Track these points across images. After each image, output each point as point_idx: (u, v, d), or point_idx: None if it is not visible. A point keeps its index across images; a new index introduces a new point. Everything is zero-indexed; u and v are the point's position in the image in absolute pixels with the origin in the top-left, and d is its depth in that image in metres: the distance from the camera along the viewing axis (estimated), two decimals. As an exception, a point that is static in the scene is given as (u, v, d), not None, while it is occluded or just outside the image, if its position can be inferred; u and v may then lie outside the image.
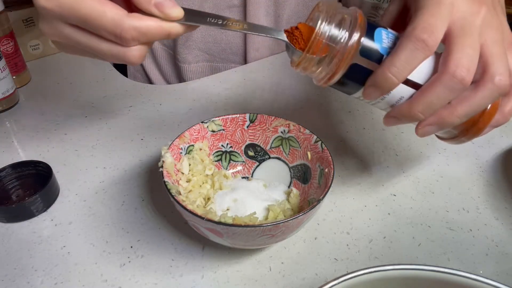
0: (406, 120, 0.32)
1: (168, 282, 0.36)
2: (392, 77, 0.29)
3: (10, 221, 0.41)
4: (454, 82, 0.29)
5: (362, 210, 0.43)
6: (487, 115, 0.33)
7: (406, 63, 0.29)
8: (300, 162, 0.43)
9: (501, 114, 0.34)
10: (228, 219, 0.38)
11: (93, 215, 0.42)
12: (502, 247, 0.39)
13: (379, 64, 0.31)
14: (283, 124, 0.43)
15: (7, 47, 0.58)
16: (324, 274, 0.36)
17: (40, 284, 0.35)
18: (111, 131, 0.53)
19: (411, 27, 0.29)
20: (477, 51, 0.30)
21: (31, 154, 0.50)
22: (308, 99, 0.61)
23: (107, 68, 0.68)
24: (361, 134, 0.53)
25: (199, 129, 0.42)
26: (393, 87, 0.30)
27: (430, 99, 0.30)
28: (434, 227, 0.41)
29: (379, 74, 0.30)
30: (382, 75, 0.30)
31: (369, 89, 0.31)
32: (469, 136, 0.35)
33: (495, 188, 0.46)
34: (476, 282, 0.25)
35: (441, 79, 0.29)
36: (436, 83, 0.30)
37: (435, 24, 0.29)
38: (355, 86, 0.33)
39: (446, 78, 0.29)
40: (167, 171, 0.37)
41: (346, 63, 0.30)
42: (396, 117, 0.33)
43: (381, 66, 0.30)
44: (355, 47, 0.30)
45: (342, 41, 0.30)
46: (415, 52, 0.29)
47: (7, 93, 0.56)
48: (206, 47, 0.69)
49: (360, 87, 0.32)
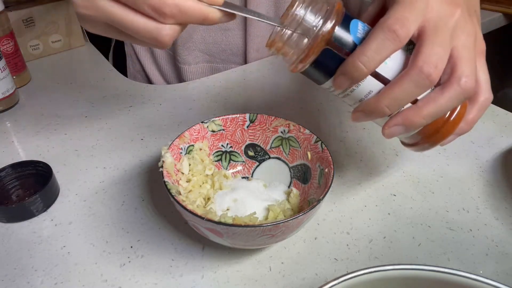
0: (373, 115, 0.32)
1: (168, 282, 0.36)
2: (361, 65, 0.29)
3: (10, 221, 0.41)
4: (421, 78, 0.29)
5: (362, 210, 0.43)
6: (452, 123, 0.33)
7: (376, 53, 0.29)
8: (300, 162, 0.43)
9: (465, 122, 0.34)
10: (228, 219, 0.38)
11: (93, 215, 0.42)
12: (502, 247, 0.39)
13: (350, 53, 0.31)
14: (283, 124, 0.43)
15: (7, 47, 0.58)
16: (324, 274, 0.36)
17: (40, 284, 0.35)
18: (111, 131, 0.53)
19: (384, 18, 0.29)
20: (447, 50, 0.30)
21: (31, 154, 0.50)
22: (308, 99, 0.61)
23: (107, 68, 0.68)
24: (361, 134, 0.53)
25: (199, 129, 0.42)
26: (362, 77, 0.30)
27: (397, 93, 0.30)
28: (434, 227, 0.41)
29: (349, 62, 0.30)
30: (352, 63, 0.30)
31: (339, 78, 0.31)
32: (432, 143, 0.34)
33: (495, 188, 0.46)
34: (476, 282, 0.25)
35: (408, 74, 0.30)
36: (404, 78, 0.30)
37: (407, 17, 0.29)
38: (326, 75, 0.32)
39: (413, 73, 0.29)
40: (167, 171, 0.37)
41: (319, 46, 0.30)
42: (363, 111, 0.33)
43: (351, 55, 0.30)
44: (329, 31, 0.30)
45: (317, 23, 0.30)
46: (385, 42, 0.29)
47: (7, 93, 0.56)
48: (206, 48, 0.69)
49: (329, 77, 0.32)
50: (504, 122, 0.56)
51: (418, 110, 0.31)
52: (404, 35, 0.29)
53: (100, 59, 0.71)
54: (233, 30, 0.67)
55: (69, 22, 0.70)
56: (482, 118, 0.56)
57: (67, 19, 0.70)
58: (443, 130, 0.33)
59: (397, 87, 0.30)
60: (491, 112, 0.58)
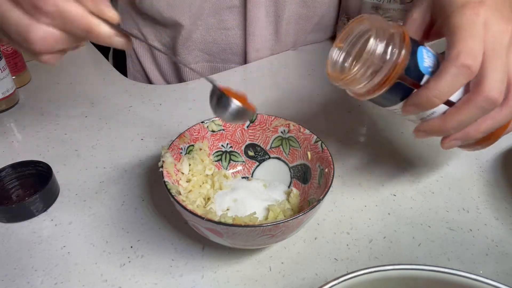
0: (437, 134, 0.34)
1: (168, 282, 0.36)
2: (434, 99, 0.31)
3: (10, 221, 0.41)
4: (488, 104, 0.31)
5: (362, 210, 0.43)
6: (503, 128, 0.35)
7: (449, 87, 0.31)
8: (300, 162, 0.43)
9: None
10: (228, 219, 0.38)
11: (93, 215, 0.42)
12: (502, 247, 0.39)
13: (418, 82, 0.32)
14: (283, 124, 0.43)
15: (7, 47, 0.58)
16: (324, 274, 0.36)
17: (40, 284, 0.35)
18: (111, 131, 0.53)
19: (455, 52, 0.30)
20: (506, 72, 0.31)
21: (31, 154, 0.50)
22: (308, 99, 0.61)
23: (107, 68, 0.68)
24: (361, 134, 0.53)
25: (199, 129, 0.42)
26: (433, 108, 0.32)
27: (463, 117, 0.32)
28: (434, 227, 0.41)
29: (423, 95, 0.31)
30: (426, 97, 0.31)
31: (410, 107, 0.33)
32: (484, 145, 0.37)
33: (495, 188, 0.46)
34: (476, 282, 0.25)
35: (476, 100, 0.31)
36: (471, 103, 0.31)
37: (477, 48, 0.30)
38: (393, 101, 0.34)
39: (480, 100, 0.31)
40: (167, 171, 0.37)
41: (391, 81, 0.31)
42: (427, 132, 0.35)
43: (425, 88, 0.31)
44: (402, 66, 0.31)
45: (391, 58, 0.30)
46: (459, 77, 0.30)
47: (7, 93, 0.56)
48: (206, 48, 0.69)
49: (397, 102, 0.34)
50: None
51: (478, 126, 0.33)
52: (477, 69, 0.30)
53: (100, 59, 0.71)
54: (233, 29, 0.67)
55: (69, 22, 0.70)
56: (482, 118, 0.56)
57: (67, 19, 0.69)
58: (494, 134, 0.35)
59: (464, 112, 0.32)
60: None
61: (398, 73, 0.31)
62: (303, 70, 0.68)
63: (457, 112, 0.32)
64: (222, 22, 0.66)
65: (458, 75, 0.30)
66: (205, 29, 0.67)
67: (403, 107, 0.34)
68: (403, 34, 0.31)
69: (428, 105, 0.32)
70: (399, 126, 0.55)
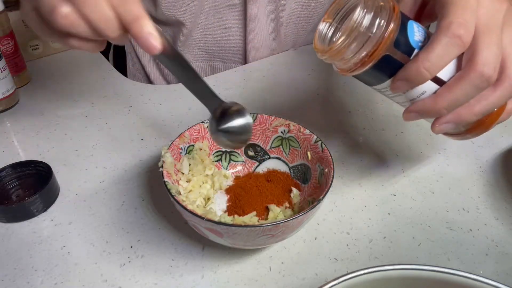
0: (429, 115, 0.33)
1: (168, 282, 0.36)
2: (425, 71, 0.30)
3: (10, 221, 0.41)
4: (482, 80, 0.29)
5: (362, 210, 0.43)
6: (495, 114, 0.34)
7: (440, 58, 0.29)
8: (300, 162, 0.43)
9: (506, 111, 0.34)
10: (228, 219, 0.38)
11: (93, 215, 0.42)
12: (502, 247, 0.39)
13: (409, 56, 0.31)
14: (283, 124, 0.43)
15: (7, 47, 0.58)
16: (324, 274, 0.36)
17: (40, 284, 0.35)
18: (111, 131, 0.53)
19: (447, 22, 0.29)
20: (500, 49, 0.30)
21: (31, 154, 0.50)
22: (308, 99, 0.61)
23: (107, 68, 0.68)
24: (361, 134, 0.53)
25: (199, 129, 0.42)
26: (424, 82, 0.30)
27: (456, 96, 0.30)
28: (434, 227, 0.41)
29: (413, 68, 0.30)
30: (416, 69, 0.30)
31: (399, 82, 0.31)
32: (475, 134, 0.35)
33: (495, 188, 0.46)
34: (476, 282, 0.25)
35: (469, 77, 0.30)
36: (464, 81, 0.30)
37: (469, 19, 0.29)
38: (380, 78, 0.32)
39: (474, 76, 0.29)
40: (167, 171, 0.37)
41: (380, 53, 0.30)
42: (418, 112, 0.33)
43: (415, 60, 0.30)
44: (391, 38, 0.30)
45: (378, 30, 0.29)
46: (450, 48, 0.29)
47: (7, 93, 0.56)
48: (206, 46, 0.69)
49: (385, 79, 0.32)
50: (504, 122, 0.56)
51: (471, 108, 0.31)
52: (468, 40, 0.29)
53: (100, 59, 0.71)
54: (233, 28, 0.67)
55: (69, 22, 0.70)
56: (482, 118, 0.56)
57: (67, 19, 0.69)
58: (486, 122, 0.34)
59: (457, 90, 0.30)
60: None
61: (386, 45, 0.30)
62: (303, 70, 0.68)
63: (448, 89, 0.31)
64: (222, 21, 0.66)
65: (449, 45, 0.29)
66: (205, 28, 0.67)
67: (391, 83, 0.32)
68: (392, 6, 0.30)
69: (418, 78, 0.30)
70: (399, 126, 0.55)
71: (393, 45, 0.30)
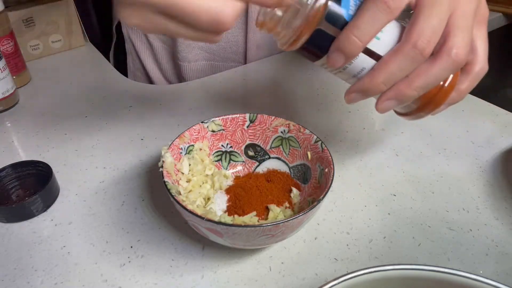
0: (369, 92, 0.32)
1: (168, 282, 0.36)
2: (355, 39, 0.29)
3: (10, 221, 0.41)
4: (415, 53, 0.29)
5: (362, 210, 0.43)
6: (444, 92, 0.33)
7: (369, 25, 0.29)
8: (300, 162, 0.43)
9: (457, 92, 0.34)
10: (228, 219, 0.38)
11: (93, 215, 0.42)
12: (502, 247, 0.39)
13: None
14: (283, 124, 0.43)
15: (7, 47, 0.58)
16: (324, 274, 0.36)
17: (40, 284, 0.35)
18: (111, 131, 0.53)
19: None
20: (443, 21, 0.29)
21: (31, 154, 0.50)
22: (308, 99, 0.61)
23: (107, 68, 0.68)
24: (361, 134, 0.53)
25: (199, 129, 0.42)
26: (356, 51, 0.30)
27: (392, 69, 0.30)
28: (434, 227, 0.41)
29: (343, 36, 0.30)
30: (346, 37, 0.29)
31: (333, 54, 0.31)
32: (426, 112, 0.35)
33: (495, 188, 0.46)
34: (476, 282, 0.25)
35: (402, 49, 0.29)
36: (398, 53, 0.30)
37: None
38: (318, 53, 0.32)
39: (407, 48, 0.29)
40: (167, 171, 0.37)
41: (311, 27, 0.30)
42: (358, 91, 0.32)
43: (345, 29, 0.29)
44: (321, 11, 0.29)
45: (309, 2, 0.29)
46: (377, 14, 0.28)
47: (7, 93, 0.56)
48: (206, 46, 0.69)
49: (323, 54, 0.32)
50: (504, 122, 0.56)
51: (410, 82, 0.31)
52: (395, 6, 0.29)
53: (100, 59, 0.71)
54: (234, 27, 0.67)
55: (69, 22, 0.70)
56: (482, 118, 0.56)
57: (67, 19, 0.70)
58: (435, 99, 0.33)
59: (391, 63, 0.30)
60: (491, 112, 0.58)
61: (316, 19, 0.29)
62: (303, 70, 0.68)
63: (384, 63, 0.30)
64: None
65: (376, 11, 0.28)
66: None
67: (327, 57, 0.31)
68: None
69: (350, 48, 0.29)
70: (399, 126, 0.55)
71: (324, 19, 0.30)
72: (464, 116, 0.57)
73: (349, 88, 0.33)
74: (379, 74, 0.31)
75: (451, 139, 0.53)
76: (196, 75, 0.72)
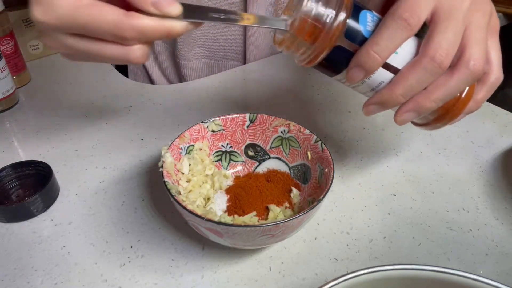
0: (387, 105, 0.33)
1: (168, 282, 0.36)
2: (375, 55, 0.30)
3: (10, 221, 0.41)
4: (433, 66, 0.30)
5: (362, 210, 0.43)
6: (461, 102, 0.33)
7: (388, 42, 0.29)
8: (300, 162, 0.43)
9: (474, 101, 0.34)
10: (228, 219, 0.38)
11: (93, 215, 0.42)
12: (502, 247, 0.39)
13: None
14: (283, 124, 0.43)
15: (7, 47, 0.58)
16: (324, 274, 0.36)
17: (40, 284, 0.35)
18: (111, 131, 0.53)
19: (395, 6, 0.30)
20: (459, 35, 0.30)
21: (31, 154, 0.50)
22: (308, 99, 0.61)
23: (107, 68, 0.68)
24: (361, 134, 0.53)
25: (199, 129, 0.42)
26: (376, 67, 0.30)
27: (411, 82, 0.31)
28: (434, 227, 0.41)
29: (363, 52, 0.30)
30: (366, 53, 0.30)
31: (353, 70, 0.31)
32: (444, 123, 0.35)
33: (495, 188, 0.46)
34: (476, 282, 0.25)
35: (421, 62, 0.30)
36: (416, 66, 0.30)
37: (418, 4, 0.29)
38: (337, 68, 0.32)
39: (425, 61, 0.30)
40: (167, 171, 0.37)
41: (330, 45, 0.30)
42: (377, 104, 0.33)
43: (365, 45, 0.30)
44: (340, 29, 0.30)
45: (327, 21, 0.29)
46: (397, 30, 0.29)
47: (7, 93, 0.56)
48: (206, 44, 0.70)
49: (342, 69, 0.32)
50: (504, 122, 0.56)
51: (428, 94, 0.31)
52: (415, 23, 0.29)
53: (100, 59, 0.71)
54: (233, 26, 0.67)
55: (69, 22, 0.70)
56: (482, 118, 0.56)
57: (67, 19, 0.70)
58: (453, 110, 0.34)
59: (410, 76, 0.31)
60: (491, 112, 0.58)
61: (336, 36, 0.30)
62: (303, 70, 0.68)
63: (402, 76, 0.31)
64: None
65: (395, 28, 0.29)
66: (205, 26, 0.67)
67: (346, 72, 0.32)
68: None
69: (370, 63, 0.30)
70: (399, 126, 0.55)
71: (344, 36, 0.30)
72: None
73: (368, 100, 0.34)
74: (398, 87, 0.31)
75: (451, 139, 0.53)
76: (196, 74, 0.72)
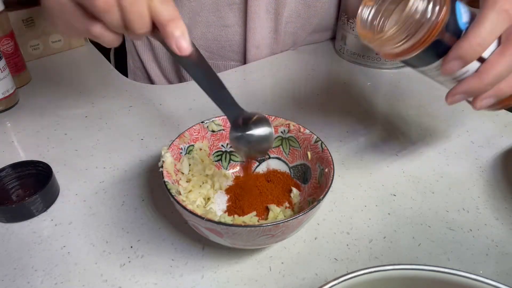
0: (476, 93, 0.34)
1: (168, 282, 0.36)
2: (478, 47, 0.31)
3: (10, 221, 0.41)
4: None
5: (362, 210, 0.43)
6: None
7: (490, 34, 0.30)
8: (300, 162, 0.43)
9: None
10: (228, 219, 0.38)
11: (93, 215, 0.42)
12: (502, 247, 0.39)
13: (457, 39, 0.31)
14: (283, 124, 0.43)
15: (7, 47, 0.58)
16: (324, 274, 0.36)
17: (40, 284, 0.35)
18: (111, 131, 0.53)
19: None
20: None
21: (31, 154, 0.50)
22: (308, 99, 0.61)
23: (107, 68, 0.68)
24: (361, 134, 0.53)
25: (199, 129, 0.42)
26: (475, 58, 0.31)
27: (500, 70, 0.31)
28: (434, 227, 0.41)
29: (465, 45, 0.31)
30: (469, 46, 0.31)
31: (452, 62, 0.32)
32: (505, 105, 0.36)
33: (495, 188, 0.46)
34: (476, 282, 0.25)
35: (510, 50, 0.31)
36: (506, 54, 0.31)
37: None
38: (428, 61, 0.33)
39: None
40: (167, 171, 0.37)
41: (432, 39, 0.31)
42: (464, 93, 0.34)
43: (466, 38, 0.31)
44: (444, 23, 0.30)
45: (432, 16, 0.30)
46: (499, 22, 0.30)
47: (7, 93, 0.56)
48: (206, 44, 0.70)
49: (433, 61, 0.33)
50: (504, 122, 0.56)
51: (510, 81, 0.32)
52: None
53: (100, 59, 0.71)
54: (233, 26, 0.67)
55: (69, 22, 0.70)
56: (482, 118, 0.56)
57: (67, 19, 0.70)
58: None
59: (499, 64, 0.31)
60: (491, 112, 0.58)
61: (439, 30, 0.30)
62: (303, 70, 0.68)
63: (492, 66, 0.32)
64: (222, 19, 0.66)
65: (498, 20, 0.30)
66: (205, 26, 0.67)
67: (443, 65, 0.32)
68: None
69: (471, 55, 0.31)
70: (399, 126, 0.55)
71: (444, 30, 0.31)
72: (464, 116, 0.57)
73: (453, 90, 0.34)
74: (487, 76, 0.32)
75: (451, 139, 0.53)
76: None
